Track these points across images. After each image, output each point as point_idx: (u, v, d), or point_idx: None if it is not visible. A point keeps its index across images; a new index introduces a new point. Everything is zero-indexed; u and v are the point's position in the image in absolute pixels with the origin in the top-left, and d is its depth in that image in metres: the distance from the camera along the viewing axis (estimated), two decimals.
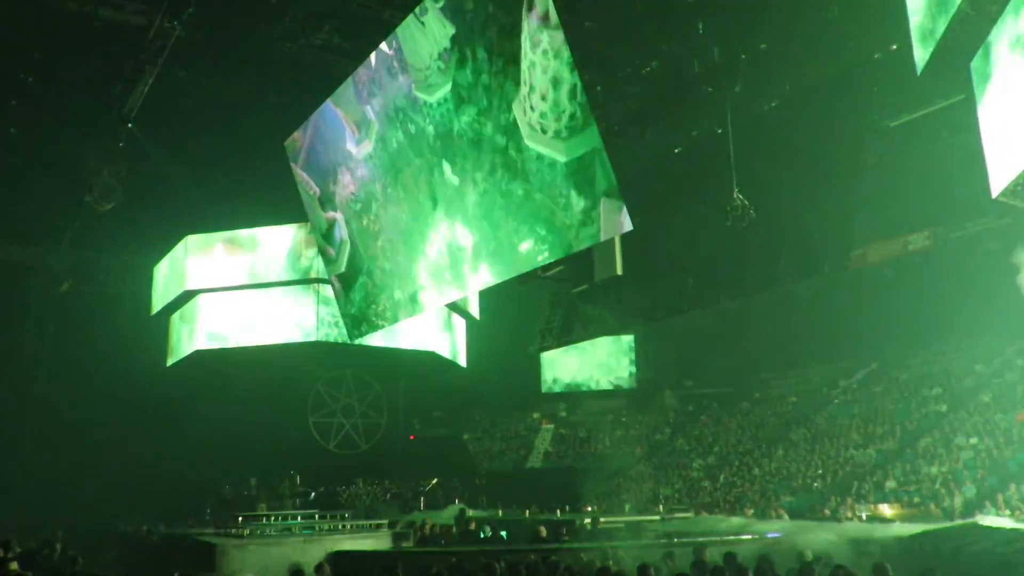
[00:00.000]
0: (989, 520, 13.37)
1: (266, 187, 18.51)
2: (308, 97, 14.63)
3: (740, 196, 14.60)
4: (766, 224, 17.13)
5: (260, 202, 19.98)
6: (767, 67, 15.50)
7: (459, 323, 22.67)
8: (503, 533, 15.53)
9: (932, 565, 7.17)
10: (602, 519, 16.89)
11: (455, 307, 18.24)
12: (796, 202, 19.87)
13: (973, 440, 19.58)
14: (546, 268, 16.08)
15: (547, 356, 30.29)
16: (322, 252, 16.28)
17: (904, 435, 21.74)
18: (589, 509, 21.06)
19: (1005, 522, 12.81)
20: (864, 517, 17.83)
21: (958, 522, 13.97)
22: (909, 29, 11.43)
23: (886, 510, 18.15)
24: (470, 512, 19.47)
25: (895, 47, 14.11)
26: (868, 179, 19.33)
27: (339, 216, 14.84)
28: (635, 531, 15.57)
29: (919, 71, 11.33)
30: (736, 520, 18.37)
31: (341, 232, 14.92)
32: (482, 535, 14.66)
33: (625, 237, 14.85)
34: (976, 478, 18.00)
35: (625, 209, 11.32)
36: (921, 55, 11.21)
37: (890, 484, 19.63)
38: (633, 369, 26.52)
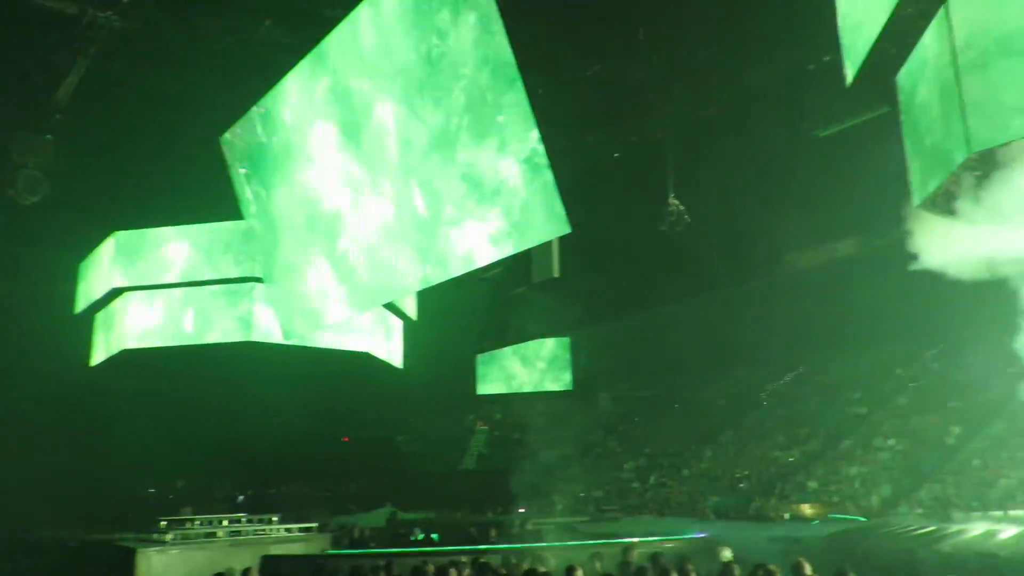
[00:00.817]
0: (902, 519, 13.86)
1: (200, 183, 18.01)
2: (247, 92, 14.30)
3: (676, 201, 14.83)
4: (701, 229, 17.46)
5: (193, 198, 19.43)
6: (706, 75, 15.77)
7: (395, 324, 22.44)
8: (434, 535, 15.45)
9: (843, 566, 7.38)
10: (533, 520, 16.96)
11: (392, 308, 18.05)
12: (730, 208, 20.32)
13: (891, 442, 20.30)
14: (484, 270, 16.05)
15: (483, 357, 30.24)
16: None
17: (826, 437, 22.40)
18: (521, 511, 21.12)
19: (918, 521, 13.29)
20: (786, 516, 18.32)
21: (874, 521, 14.45)
22: (839, 42, 11.78)
23: (807, 510, 18.68)
24: (402, 514, 19.33)
25: (827, 58, 14.50)
26: (799, 187, 19.87)
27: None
28: (564, 532, 15.67)
29: (848, 82, 11.67)
30: (664, 520, 18.69)
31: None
32: (413, 538, 14.56)
33: (563, 240, 14.93)
34: (892, 478, 18.65)
35: (563, 212, 11.36)
36: (850, 67, 11.55)
37: (812, 484, 20.22)
38: (569, 372, 26.65)
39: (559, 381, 26.28)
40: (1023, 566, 8.89)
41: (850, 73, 11.29)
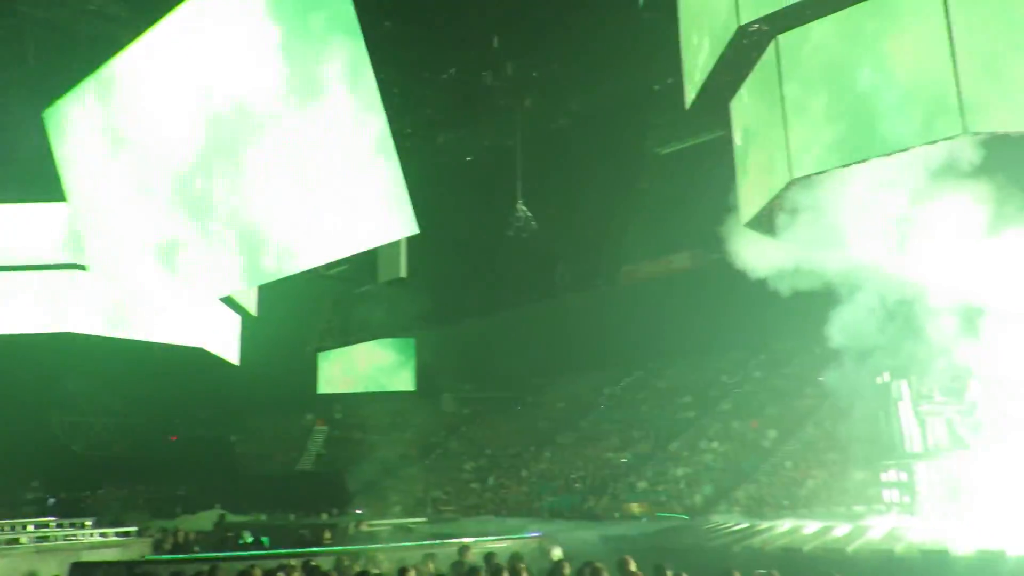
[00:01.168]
0: (721, 517, 14.74)
1: (21, 160, 16.52)
2: (77, 65, 13.26)
3: (524, 208, 15.09)
4: (546, 237, 17.88)
5: (12, 176, 17.78)
6: (557, 86, 16.17)
7: (232, 318, 21.53)
8: (264, 539, 14.93)
9: (661, 562, 7.75)
10: (369, 521, 16.75)
11: (229, 302, 17.27)
12: (576, 218, 20.92)
13: (714, 444, 21.58)
14: (329, 266, 15.71)
15: (325, 356, 29.56)
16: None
17: (657, 439, 23.52)
18: (358, 512, 20.82)
19: (735, 519, 14.19)
20: (616, 515, 19.09)
21: (695, 519, 15.27)
22: (681, 66, 12.41)
23: (635, 508, 19.54)
24: (231, 517, 18.54)
25: (670, 81, 15.24)
26: (641, 201, 20.77)
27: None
28: (400, 533, 15.59)
29: (688, 105, 12.32)
30: (501, 520, 18.97)
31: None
32: (241, 541, 14.01)
33: (411, 241, 14.86)
34: (714, 479, 19.84)
35: (412, 212, 11.28)
36: (690, 91, 12.20)
37: (642, 484, 21.16)
38: (412, 372, 26.54)
39: (401, 381, 26.14)
40: (824, 559, 9.65)
41: (690, 96, 11.94)
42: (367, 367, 27.27)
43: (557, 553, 9.71)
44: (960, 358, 13.08)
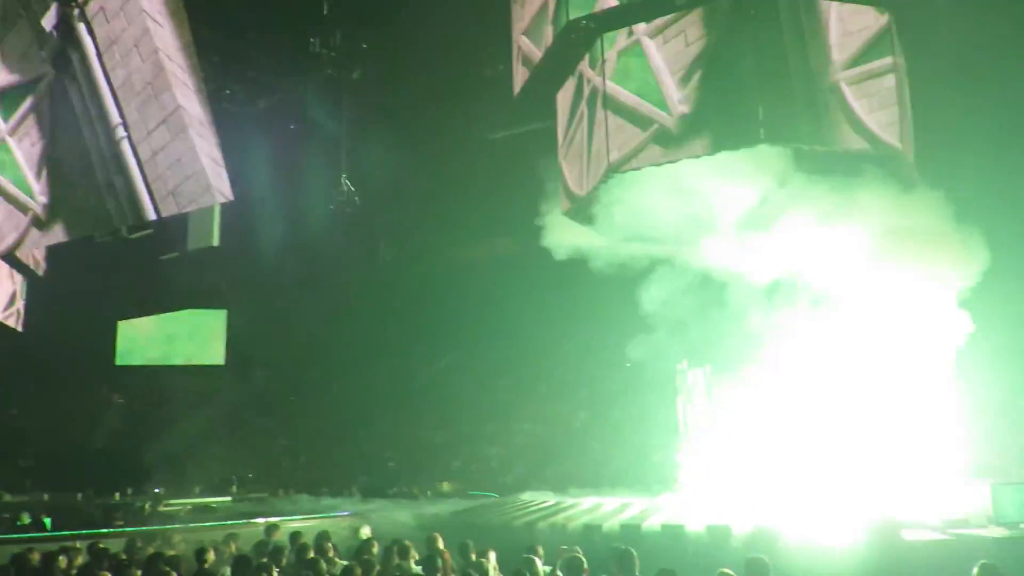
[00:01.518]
0: (529, 496, 15.26)
1: None
2: None
3: (347, 182, 14.78)
4: (371, 213, 17.63)
5: None
6: (388, 62, 15.92)
7: (16, 279, 19.56)
8: (46, 520, 13.78)
9: (466, 539, 7.93)
10: (167, 501, 15.90)
11: (12, 261, 15.66)
12: (402, 197, 20.77)
13: (527, 425, 22.26)
14: (131, 229, 14.65)
15: (126, 325, 27.56)
16: None
17: (473, 420, 23.92)
18: (156, 491, 19.69)
19: (545, 497, 14.74)
20: (428, 494, 19.28)
21: (504, 497, 15.70)
22: (512, 54, 12.63)
23: (447, 487, 19.83)
24: (8, 497, 16.97)
25: (501, 67, 15.44)
26: (469, 185, 20.92)
27: None
28: (202, 513, 14.93)
29: (516, 93, 12.56)
30: (311, 500, 18.63)
31: None
32: (19, 522, 12.86)
33: (225, 208, 14.14)
34: (526, 458, 20.48)
35: (226, 177, 10.77)
36: (519, 79, 12.44)
37: (456, 464, 21.48)
38: (223, 345, 25.30)
39: (210, 355, 24.91)
40: (619, 535, 10.22)
41: (518, 84, 12.19)
42: (172, 339, 25.77)
43: (366, 532, 9.67)
44: (752, 347, 14.25)
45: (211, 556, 7.65)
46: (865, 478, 11.85)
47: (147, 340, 26.04)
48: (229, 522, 12.49)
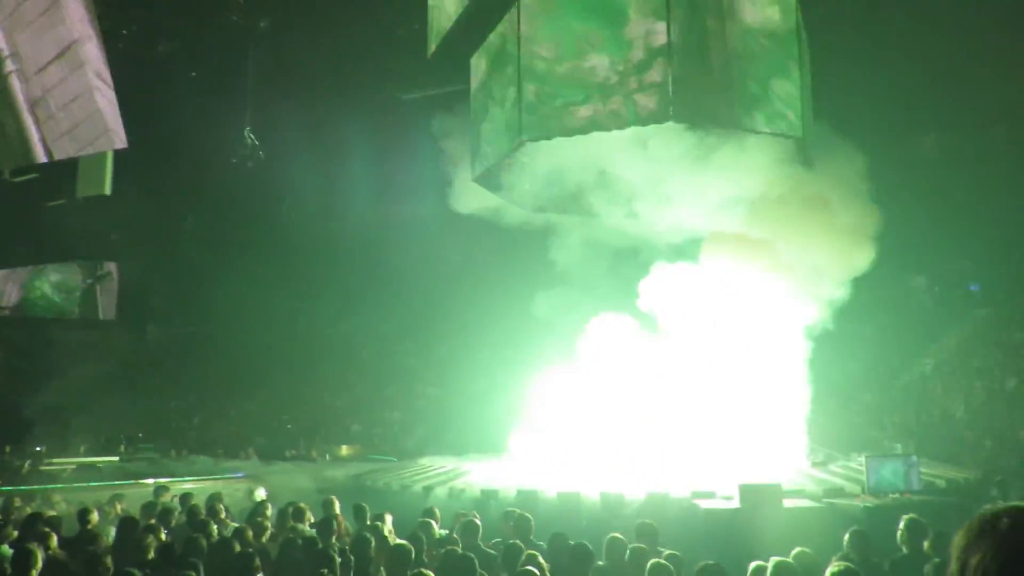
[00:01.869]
0: (429, 460, 15.33)
1: None
2: None
3: (251, 136, 14.29)
4: (275, 168, 17.11)
5: None
6: (297, 14, 15.39)
7: None
8: None
9: (360, 502, 7.96)
10: (49, 459, 15.23)
11: None
12: (308, 154, 20.24)
13: (430, 389, 22.29)
14: (15, 172, 13.78)
15: (7, 274, 26.02)
16: None
17: (376, 382, 23.80)
18: (37, 449, 18.79)
19: (445, 462, 14.81)
20: (327, 457, 19.13)
21: (402, 461, 15.73)
22: (428, 15, 12.41)
23: (345, 450, 19.71)
24: None
25: (416, 27, 15.15)
26: (379, 144, 20.56)
27: None
28: (88, 473, 14.38)
29: (429, 54, 12.38)
30: (206, 460, 18.22)
31: None
32: None
33: (119, 155, 13.44)
34: (427, 423, 20.55)
35: (121, 123, 10.27)
36: (433, 40, 12.25)
37: (356, 427, 21.35)
38: (113, 299, 24.20)
39: (99, 308, 23.81)
40: (515, 500, 10.39)
41: (432, 45, 12.01)
42: (58, 289, 24.53)
43: (260, 494, 9.56)
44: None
45: (95, 517, 7.41)
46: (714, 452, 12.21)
47: (30, 290, 24.69)
48: (116, 482, 12.10)
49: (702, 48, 10.65)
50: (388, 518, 7.47)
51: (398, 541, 6.17)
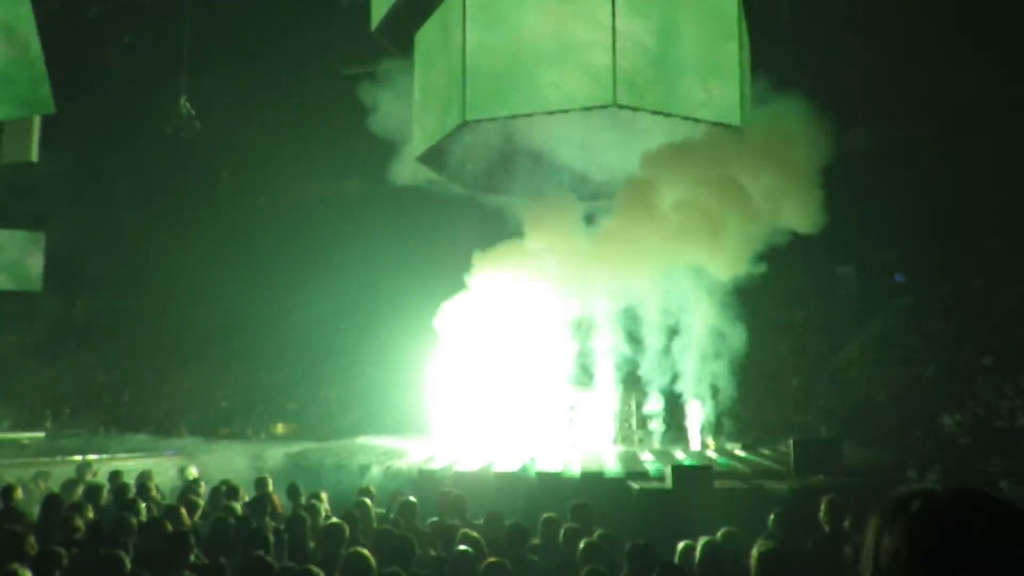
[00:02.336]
0: (366, 439, 15.30)
1: None
2: None
3: (187, 105, 13.89)
4: (211, 139, 16.69)
5: None
6: None
7: None
8: None
9: (295, 481, 7.93)
10: None
11: None
12: (246, 126, 19.78)
13: (368, 369, 22.13)
14: None
15: None
16: None
17: (313, 361, 23.52)
18: None
19: (382, 441, 14.79)
20: (262, 436, 18.88)
21: (337, 441, 15.65)
22: None
23: (280, 429, 19.48)
24: None
25: None
26: (319, 118, 20.19)
27: None
28: (11, 449, 13.93)
29: (372, 28, 12.19)
30: (136, 438, 17.82)
31: None
32: None
33: (47, 121, 12.94)
34: (364, 403, 20.40)
35: (48, 88, 9.92)
36: (376, 13, 12.07)
37: (292, 406, 21.10)
38: (39, 270, 23.35)
39: (24, 279, 22.98)
40: (453, 480, 10.43)
41: (375, 19, 11.82)
42: None
43: (192, 472, 9.40)
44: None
45: (19, 494, 7.20)
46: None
47: None
48: (41, 459, 11.75)
49: (646, 32, 10.73)
50: (324, 496, 7.44)
51: (333, 519, 6.14)
